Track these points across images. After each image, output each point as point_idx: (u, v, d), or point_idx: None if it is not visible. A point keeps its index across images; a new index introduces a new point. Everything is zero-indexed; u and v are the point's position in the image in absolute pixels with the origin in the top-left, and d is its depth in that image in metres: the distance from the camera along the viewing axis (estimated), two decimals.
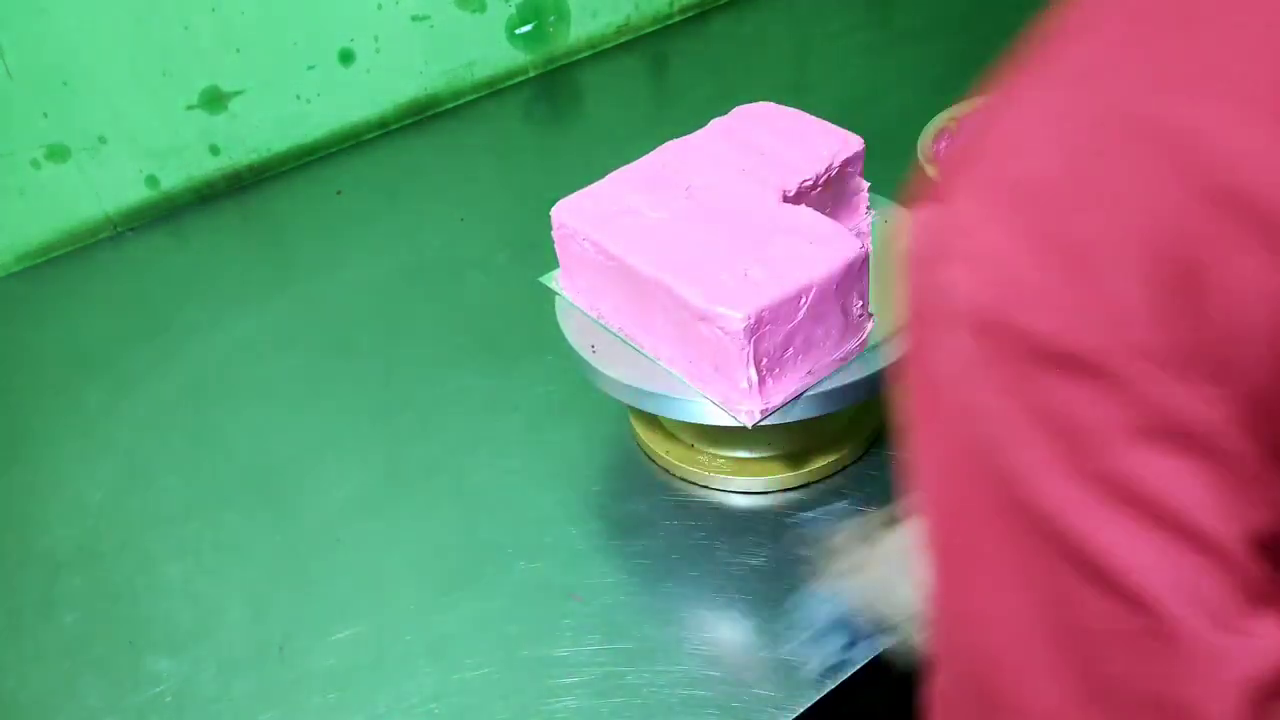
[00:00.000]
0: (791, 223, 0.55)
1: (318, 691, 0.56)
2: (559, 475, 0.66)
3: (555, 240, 0.59)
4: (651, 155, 0.62)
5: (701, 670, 0.54)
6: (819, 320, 0.53)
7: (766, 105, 0.64)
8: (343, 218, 0.98)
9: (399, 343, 0.80)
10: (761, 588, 0.57)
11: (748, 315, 0.50)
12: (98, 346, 0.86)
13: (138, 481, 0.72)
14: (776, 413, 0.53)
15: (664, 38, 1.23)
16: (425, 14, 1.07)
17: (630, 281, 0.56)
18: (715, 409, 0.54)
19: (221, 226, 1.00)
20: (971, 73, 1.09)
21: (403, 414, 0.73)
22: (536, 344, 0.77)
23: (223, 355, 0.82)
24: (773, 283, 0.51)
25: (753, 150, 0.60)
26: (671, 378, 0.56)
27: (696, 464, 0.63)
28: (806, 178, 0.58)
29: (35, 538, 0.69)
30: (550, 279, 0.63)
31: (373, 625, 0.59)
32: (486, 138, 1.08)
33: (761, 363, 0.52)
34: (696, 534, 0.61)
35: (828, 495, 0.62)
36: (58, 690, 0.58)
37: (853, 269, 0.53)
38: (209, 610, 0.61)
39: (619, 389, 0.57)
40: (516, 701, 0.53)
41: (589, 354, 0.58)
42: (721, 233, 0.55)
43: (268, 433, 0.74)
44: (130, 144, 0.97)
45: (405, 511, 0.65)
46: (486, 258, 0.89)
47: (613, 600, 0.58)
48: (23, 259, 0.98)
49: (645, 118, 1.08)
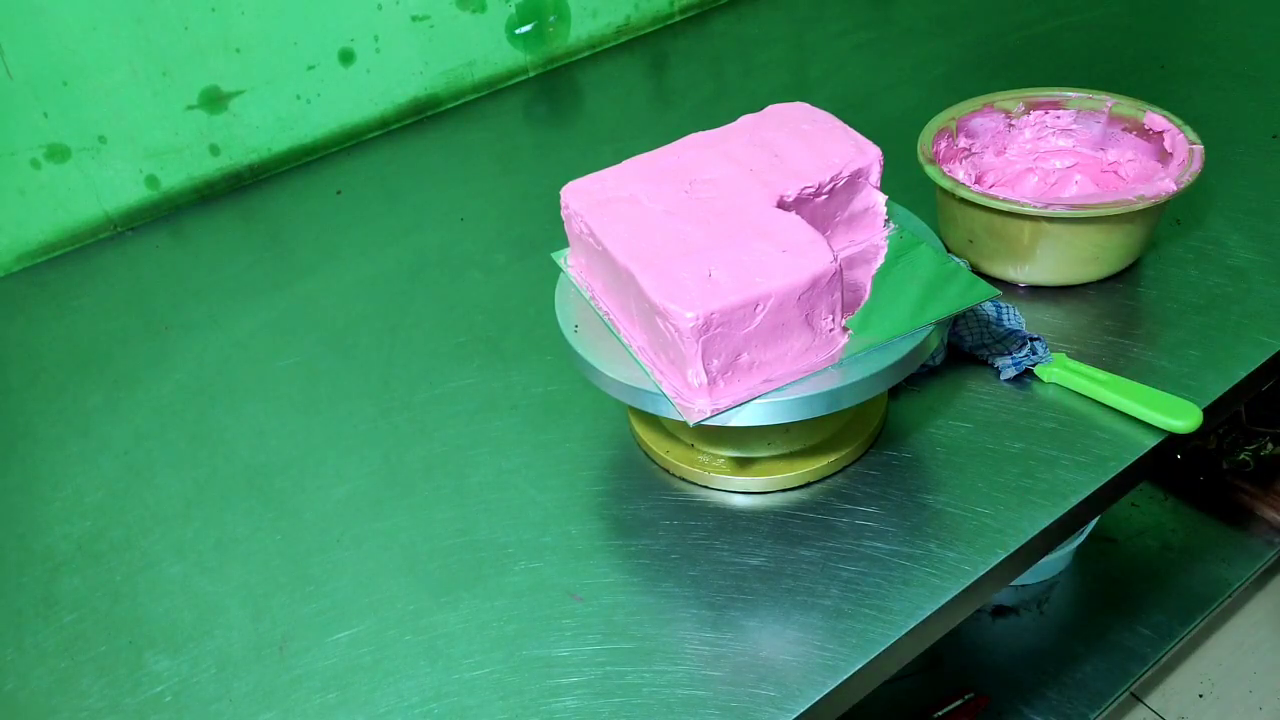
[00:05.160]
0: (773, 228, 0.54)
1: (318, 691, 0.56)
2: (559, 475, 0.66)
3: (563, 218, 0.61)
4: (673, 145, 0.62)
5: (701, 670, 0.54)
6: (779, 329, 0.52)
7: (799, 106, 0.64)
8: (343, 218, 0.98)
9: (399, 342, 0.80)
10: (761, 588, 0.57)
11: (698, 316, 0.50)
12: (98, 346, 0.86)
13: (138, 481, 0.72)
14: (720, 415, 0.53)
15: (664, 38, 1.23)
16: (425, 14, 1.07)
17: (610, 267, 0.56)
18: (665, 401, 0.54)
19: (221, 226, 1.00)
20: (971, 73, 1.10)
21: (403, 414, 0.73)
22: (536, 344, 0.77)
23: (223, 355, 0.82)
24: (732, 287, 0.51)
25: (768, 151, 0.60)
26: (638, 366, 0.56)
27: (696, 464, 0.63)
28: (809, 185, 0.57)
29: (35, 538, 0.69)
30: (560, 256, 0.65)
31: (373, 625, 0.59)
32: (486, 138, 1.08)
33: (712, 364, 0.51)
34: (696, 534, 0.61)
35: (828, 495, 0.62)
36: (58, 690, 0.58)
37: (819, 282, 0.52)
38: (209, 610, 0.61)
39: (593, 372, 0.57)
40: (516, 701, 0.53)
41: (570, 333, 0.59)
42: (704, 231, 0.55)
43: (268, 432, 0.74)
44: (130, 144, 0.97)
45: (405, 511, 0.65)
46: (486, 258, 0.89)
47: (613, 600, 0.58)
48: (23, 259, 0.98)
49: (645, 118, 1.08)
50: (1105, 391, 0.64)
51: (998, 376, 0.68)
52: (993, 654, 1.05)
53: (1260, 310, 0.70)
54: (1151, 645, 1.04)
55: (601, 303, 0.60)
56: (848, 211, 0.60)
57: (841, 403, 0.53)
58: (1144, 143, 0.75)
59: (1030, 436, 0.63)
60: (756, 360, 0.53)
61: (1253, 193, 0.80)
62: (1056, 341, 0.70)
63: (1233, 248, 0.75)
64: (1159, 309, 0.71)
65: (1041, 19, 1.12)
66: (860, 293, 0.58)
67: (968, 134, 0.79)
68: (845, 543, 0.59)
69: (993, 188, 0.79)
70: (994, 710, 1.00)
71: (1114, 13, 1.11)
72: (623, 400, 0.57)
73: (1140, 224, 0.70)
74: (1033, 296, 0.74)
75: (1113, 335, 0.69)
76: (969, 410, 0.66)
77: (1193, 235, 0.77)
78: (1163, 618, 1.06)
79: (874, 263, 0.60)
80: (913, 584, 0.56)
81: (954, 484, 0.61)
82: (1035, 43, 1.07)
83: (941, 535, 0.58)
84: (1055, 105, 0.78)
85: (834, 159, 0.59)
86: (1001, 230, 0.71)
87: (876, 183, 0.60)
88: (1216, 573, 1.11)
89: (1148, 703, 1.20)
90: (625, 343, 0.57)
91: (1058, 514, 0.58)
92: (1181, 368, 0.66)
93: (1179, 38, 1.04)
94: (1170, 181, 0.67)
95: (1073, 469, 0.61)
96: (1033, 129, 0.79)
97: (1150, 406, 0.62)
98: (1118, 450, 0.62)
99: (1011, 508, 0.59)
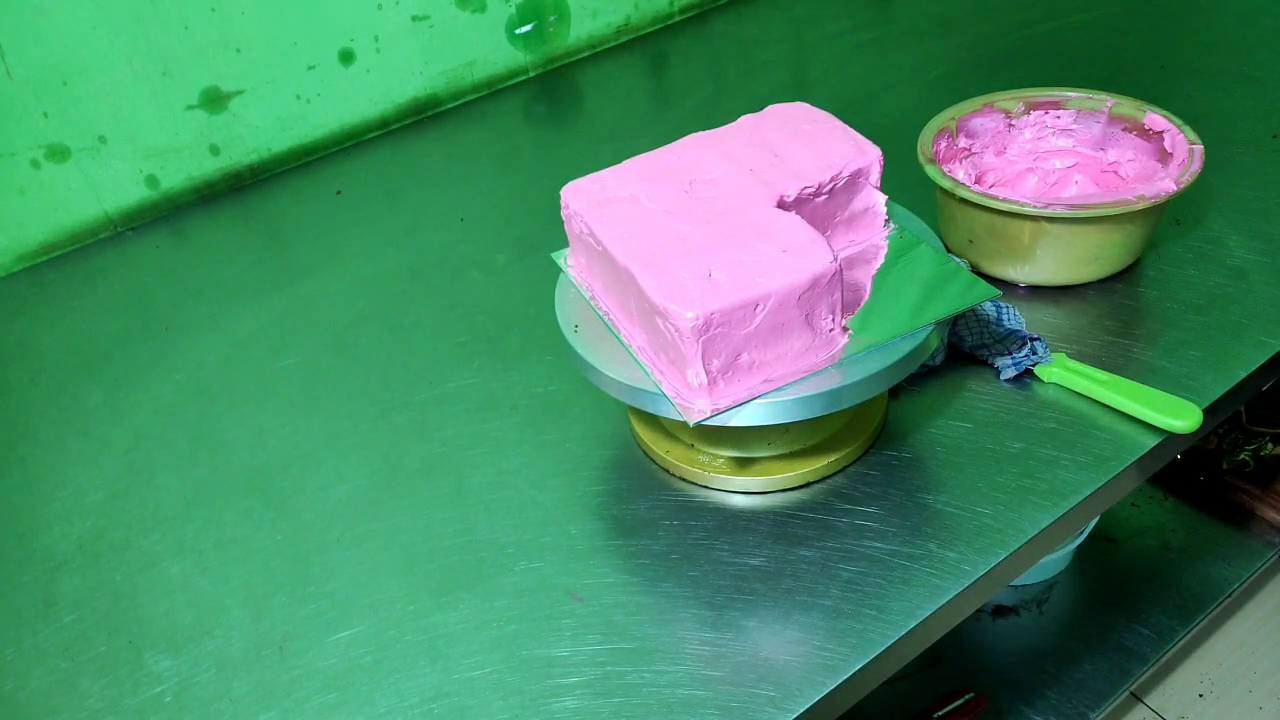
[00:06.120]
0: (773, 228, 0.54)
1: (318, 691, 0.56)
2: (559, 475, 0.66)
3: (563, 218, 0.61)
4: (673, 145, 0.62)
5: (701, 670, 0.54)
6: (779, 329, 0.52)
7: (799, 106, 0.64)
8: (343, 218, 0.98)
9: (398, 342, 0.80)
10: (761, 588, 0.57)
11: (698, 316, 0.50)
12: (98, 346, 0.86)
13: (138, 481, 0.72)
14: (720, 415, 0.53)
15: (664, 38, 1.23)
16: (425, 14, 1.07)
17: (610, 267, 0.56)
18: (665, 401, 0.54)
19: (221, 226, 1.00)
20: (971, 73, 1.10)
21: (402, 414, 0.73)
22: (536, 344, 0.77)
23: (223, 355, 0.82)
24: (732, 287, 0.51)
25: (768, 151, 0.60)
26: (638, 366, 0.56)
27: (696, 464, 0.63)
28: (809, 185, 0.57)
29: (35, 537, 0.69)
30: (560, 256, 0.65)
31: (373, 625, 0.59)
32: (486, 138, 1.08)
33: (712, 364, 0.51)
34: (696, 534, 0.61)
35: (828, 495, 0.62)
36: (58, 690, 0.58)
37: (819, 283, 0.52)
38: (209, 610, 0.61)
39: (593, 372, 0.57)
40: (516, 701, 0.53)
41: (570, 333, 0.59)
42: (704, 231, 0.55)
43: (268, 432, 0.74)
44: (130, 144, 0.97)
45: (405, 511, 0.65)
46: (486, 258, 0.89)
47: (613, 600, 0.58)
48: (23, 259, 0.98)
49: (645, 118, 1.08)
50: (1105, 391, 0.64)
51: (998, 376, 0.68)
52: (993, 654, 1.05)
53: (1260, 310, 0.70)
54: (1151, 645, 1.04)
55: (601, 303, 0.60)
56: (848, 211, 0.60)
57: (841, 403, 0.53)
58: (1144, 143, 0.75)
59: (1030, 436, 0.63)
60: (756, 360, 0.53)
61: (1253, 193, 0.80)
62: (1056, 341, 0.70)
63: (1233, 248, 0.75)
64: (1159, 309, 0.71)
65: (1041, 19, 1.12)
66: (860, 293, 0.57)
67: (968, 134, 0.79)
68: (845, 543, 0.59)
69: (993, 188, 0.79)
70: (994, 710, 1.00)
71: (1114, 13, 1.11)
72: (623, 400, 0.57)
73: (1140, 224, 0.70)
74: (1033, 296, 0.74)
75: (1113, 335, 0.69)
76: (969, 410, 0.66)
77: (1193, 235, 0.77)
78: (1163, 618, 1.06)
79: (874, 263, 0.60)
80: (913, 584, 0.56)
81: (954, 484, 0.61)
82: (1035, 43, 1.07)
83: (941, 535, 0.58)
84: (1055, 105, 0.78)
85: (834, 159, 0.59)
86: (1001, 230, 0.71)
87: (876, 183, 0.60)
88: (1216, 573, 1.11)
89: (1148, 703, 1.20)
90: (625, 343, 0.57)
91: (1058, 514, 0.58)
92: (1181, 368, 0.66)
93: (1179, 37, 1.04)
94: (1170, 181, 0.67)
95: (1073, 469, 0.61)
96: (1033, 129, 0.79)
97: (1150, 406, 0.62)
98: (1118, 450, 0.62)
99: (1011, 508, 0.59)
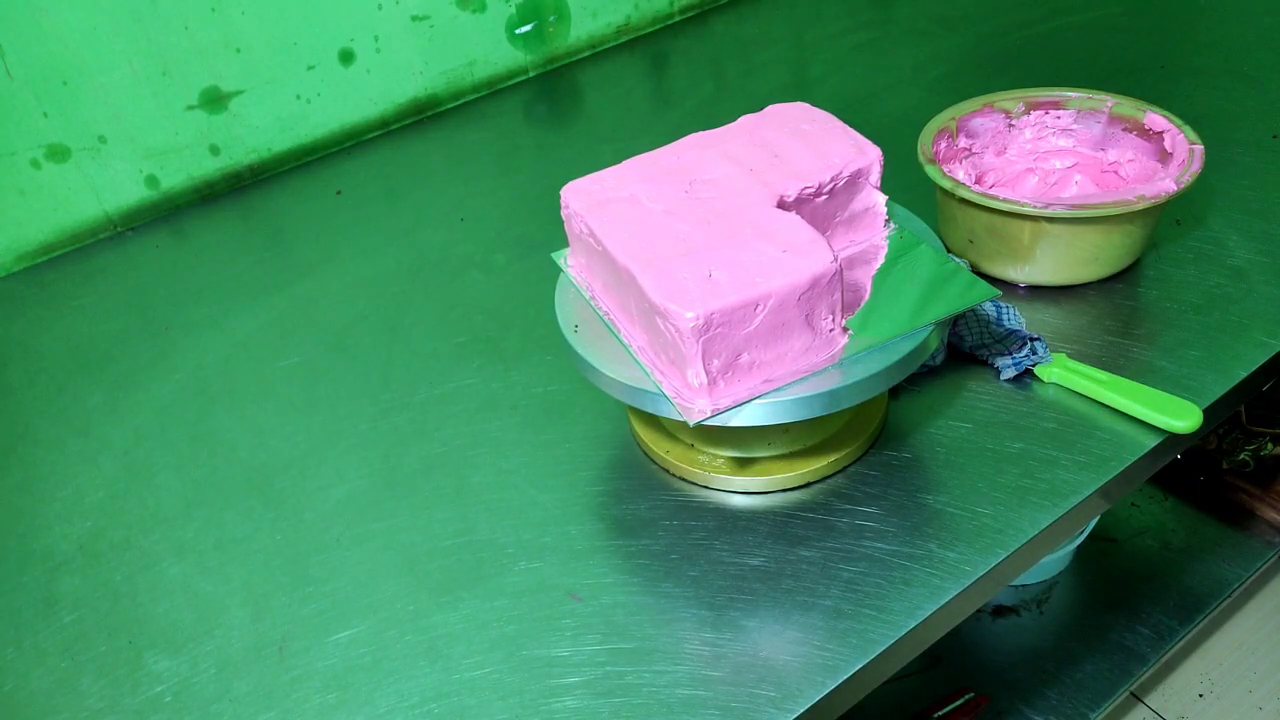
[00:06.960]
0: (773, 228, 0.54)
1: (318, 691, 0.56)
2: (559, 475, 0.66)
3: (563, 218, 0.61)
4: (673, 145, 0.62)
5: (701, 670, 0.54)
6: (779, 330, 0.52)
7: (799, 106, 0.64)
8: (343, 218, 0.98)
9: (398, 342, 0.80)
10: (761, 588, 0.57)
11: (698, 316, 0.49)
12: (98, 346, 0.86)
13: (138, 481, 0.72)
14: (720, 416, 0.53)
15: (664, 38, 1.23)
16: (425, 14, 1.07)
17: (610, 267, 0.56)
18: (665, 401, 0.54)
19: (221, 226, 1.00)
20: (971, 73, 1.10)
21: (403, 414, 0.73)
22: (536, 344, 0.77)
23: (223, 355, 0.82)
24: (732, 287, 0.51)
25: (768, 151, 0.60)
26: (638, 366, 0.56)
27: (696, 464, 0.63)
28: (809, 185, 0.57)
29: (35, 537, 0.69)
30: (560, 256, 0.65)
31: (372, 625, 0.59)
32: (486, 138, 1.08)
33: (712, 364, 0.51)
34: (696, 534, 0.61)
35: (828, 495, 0.62)
36: (58, 690, 0.58)
37: (819, 283, 0.52)
38: (209, 610, 0.61)
39: (593, 372, 0.57)
40: (516, 701, 0.53)
41: (570, 332, 0.59)
42: (704, 231, 0.55)
43: (268, 433, 0.74)
44: (130, 144, 0.97)
45: (405, 511, 0.65)
46: (486, 258, 0.89)
47: (613, 600, 0.58)
48: (23, 259, 0.98)
49: (645, 118, 1.08)
50: (1105, 391, 0.64)
51: (998, 376, 0.68)
52: (993, 654, 1.05)
53: (1260, 310, 0.70)
54: (1151, 645, 1.04)
55: (601, 303, 0.60)
56: (848, 211, 0.60)
57: (841, 403, 0.53)
58: (1144, 143, 0.75)
59: (1030, 436, 0.63)
60: (756, 360, 0.53)
61: (1253, 193, 0.80)
62: (1056, 341, 0.70)
63: (1233, 248, 0.75)
64: (1159, 309, 0.71)
65: (1041, 19, 1.12)
66: (860, 293, 0.57)
67: (968, 134, 0.79)
68: (845, 543, 0.59)
69: (993, 188, 0.79)
70: (994, 710, 1.00)
71: (1114, 13, 1.11)
72: (623, 400, 0.57)
73: (1140, 224, 0.70)
74: (1033, 296, 0.74)
75: (1113, 335, 0.70)
76: (969, 410, 0.66)
77: (1193, 235, 0.77)
78: (1163, 618, 1.06)
79: (874, 263, 0.60)
80: (913, 584, 0.56)
81: (954, 484, 0.61)
82: (1035, 43, 1.07)
83: (941, 535, 0.58)
84: (1055, 105, 0.78)
85: (834, 159, 0.59)
86: (1001, 230, 0.71)
87: (876, 183, 0.60)
88: (1216, 573, 1.11)
89: (1148, 703, 1.20)
90: (625, 343, 0.57)
91: (1058, 514, 0.58)
92: (1181, 368, 0.66)
93: (1179, 37, 1.04)
94: (1170, 181, 0.67)
95: (1073, 469, 0.61)
96: (1033, 129, 0.79)
97: (1150, 406, 0.62)
98: (1118, 450, 0.62)
99: (1011, 508, 0.59)
